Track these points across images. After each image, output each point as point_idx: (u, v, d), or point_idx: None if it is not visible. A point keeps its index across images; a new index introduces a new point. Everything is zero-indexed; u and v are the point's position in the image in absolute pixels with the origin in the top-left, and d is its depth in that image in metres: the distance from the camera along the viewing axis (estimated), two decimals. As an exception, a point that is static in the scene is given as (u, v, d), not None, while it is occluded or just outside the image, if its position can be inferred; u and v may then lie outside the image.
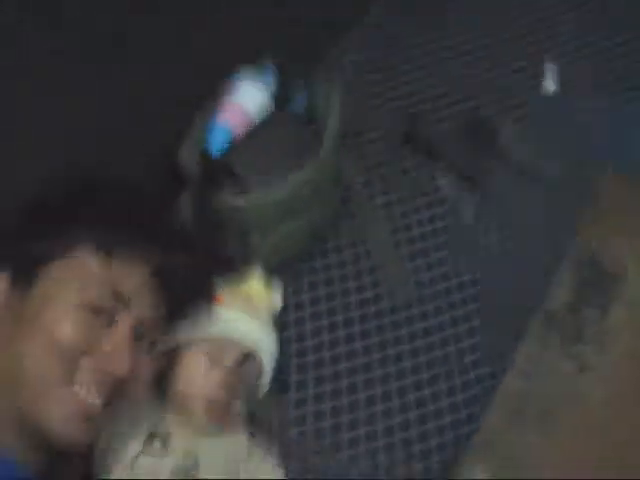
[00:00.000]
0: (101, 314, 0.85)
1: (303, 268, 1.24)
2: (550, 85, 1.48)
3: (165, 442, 0.94)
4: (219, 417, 0.97)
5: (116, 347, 0.85)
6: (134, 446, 0.92)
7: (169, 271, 0.90)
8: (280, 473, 1.03)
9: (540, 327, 1.77)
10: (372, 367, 1.17)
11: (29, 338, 0.81)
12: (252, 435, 1.03)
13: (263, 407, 1.09)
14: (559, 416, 1.65)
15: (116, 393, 0.84)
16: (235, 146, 1.11)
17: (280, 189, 1.09)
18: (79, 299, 0.83)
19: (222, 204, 1.07)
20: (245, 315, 1.02)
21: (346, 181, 1.26)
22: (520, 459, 1.60)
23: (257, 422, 1.07)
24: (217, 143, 1.11)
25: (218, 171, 1.09)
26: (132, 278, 0.87)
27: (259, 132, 1.12)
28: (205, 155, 1.09)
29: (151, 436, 0.94)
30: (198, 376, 0.97)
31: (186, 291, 0.95)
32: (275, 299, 1.10)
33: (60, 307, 0.83)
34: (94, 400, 0.83)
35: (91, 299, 0.84)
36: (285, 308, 1.14)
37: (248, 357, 1.01)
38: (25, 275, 0.85)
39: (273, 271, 1.14)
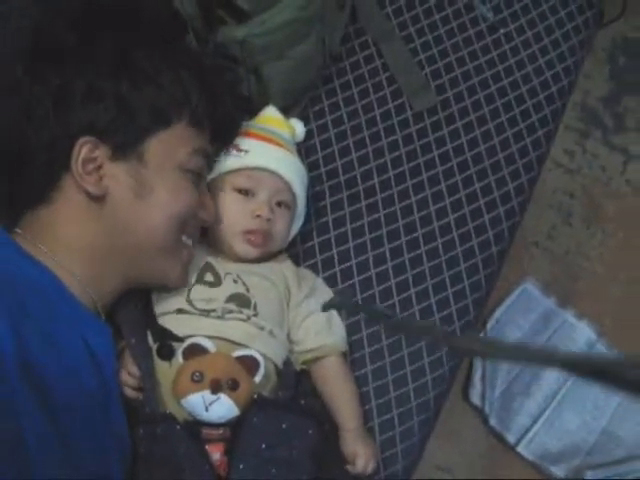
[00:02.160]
0: (200, 178, 0.95)
1: (321, 91, 1.22)
2: None
3: (216, 274, 0.97)
4: (259, 246, 1.00)
5: (205, 198, 0.96)
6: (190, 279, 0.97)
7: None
8: (331, 292, 1.07)
9: (578, 122, 1.75)
10: (404, 178, 1.17)
11: (149, 210, 0.87)
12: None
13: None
14: (605, 209, 1.67)
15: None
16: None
17: (284, 11, 1.04)
18: (187, 169, 0.91)
19: (226, 39, 1.04)
20: (273, 146, 1.03)
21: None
22: (571, 254, 1.65)
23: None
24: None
25: (217, 5, 1.05)
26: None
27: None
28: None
29: (203, 270, 0.98)
30: (233, 210, 0.99)
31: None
32: (297, 128, 1.10)
33: (174, 179, 0.90)
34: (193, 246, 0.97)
35: (194, 167, 0.93)
36: (309, 132, 1.15)
37: (282, 188, 1.02)
38: (128, 146, 0.87)
39: (290, 99, 1.15)
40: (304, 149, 1.13)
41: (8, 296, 0.74)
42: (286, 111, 1.11)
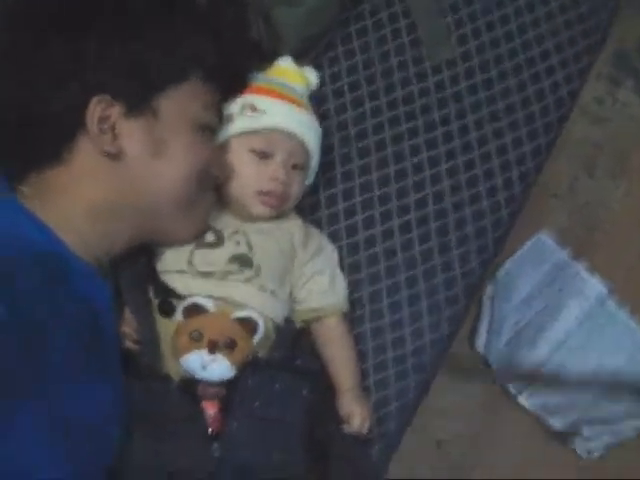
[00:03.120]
0: (213, 133, 0.95)
1: (337, 36, 1.17)
2: None
3: (218, 235, 0.97)
4: (275, 207, 0.99)
5: (217, 154, 0.96)
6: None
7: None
8: (335, 251, 1.06)
9: (610, 69, 1.67)
10: (417, 132, 1.13)
11: (165, 167, 0.87)
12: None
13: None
14: (632, 161, 1.62)
15: None
16: None
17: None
18: (201, 124, 0.91)
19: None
20: (289, 104, 1.00)
21: None
22: (591, 205, 1.62)
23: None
24: None
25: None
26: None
27: None
28: None
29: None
30: (249, 171, 0.98)
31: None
32: (310, 78, 1.06)
33: (189, 134, 0.89)
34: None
35: (208, 122, 0.92)
36: (321, 80, 1.10)
37: (299, 149, 1.00)
38: (142, 102, 0.87)
39: (302, 44, 1.10)
40: (315, 97, 1.09)
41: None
42: (298, 56, 1.06)
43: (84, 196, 0.85)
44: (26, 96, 0.86)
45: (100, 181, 0.86)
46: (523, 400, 1.51)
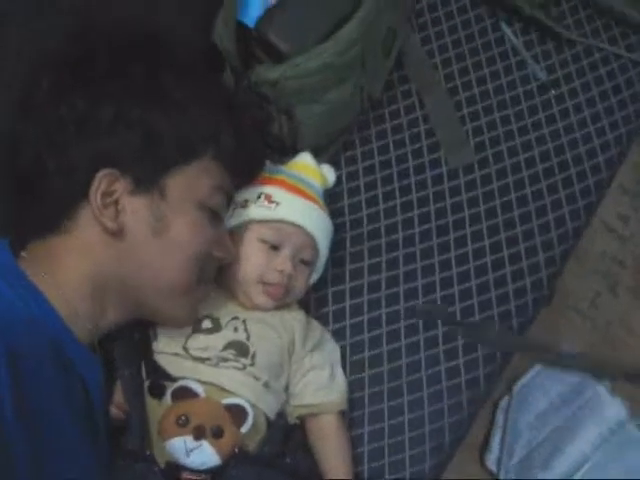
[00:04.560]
0: (219, 216, 0.93)
1: (355, 137, 1.19)
2: None
3: (216, 321, 0.96)
4: (276, 299, 0.98)
5: (224, 238, 0.94)
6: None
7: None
8: (337, 348, 1.05)
9: (636, 185, 1.67)
10: (430, 235, 1.14)
11: (166, 248, 0.86)
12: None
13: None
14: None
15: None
16: (271, 14, 1.04)
17: (321, 55, 1.02)
18: (206, 205, 0.89)
19: (259, 78, 1.02)
20: (304, 200, 1.01)
21: (399, 42, 1.17)
22: (613, 326, 1.58)
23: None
24: (253, 13, 1.05)
25: (254, 43, 1.04)
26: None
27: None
28: (240, 28, 1.04)
29: (201, 318, 0.96)
30: (256, 260, 0.98)
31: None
32: (328, 176, 1.08)
33: (193, 215, 0.88)
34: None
35: (214, 203, 0.91)
36: (338, 178, 1.11)
37: (308, 245, 1.01)
38: (150, 179, 0.86)
39: (322, 142, 1.12)
40: (330, 194, 1.10)
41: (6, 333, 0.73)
42: (317, 153, 1.08)
43: (80, 268, 0.84)
44: (29, 157, 0.85)
45: (98, 255, 0.84)
46: (532, 524, 1.43)
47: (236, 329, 0.95)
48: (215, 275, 0.97)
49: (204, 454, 0.85)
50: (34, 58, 0.90)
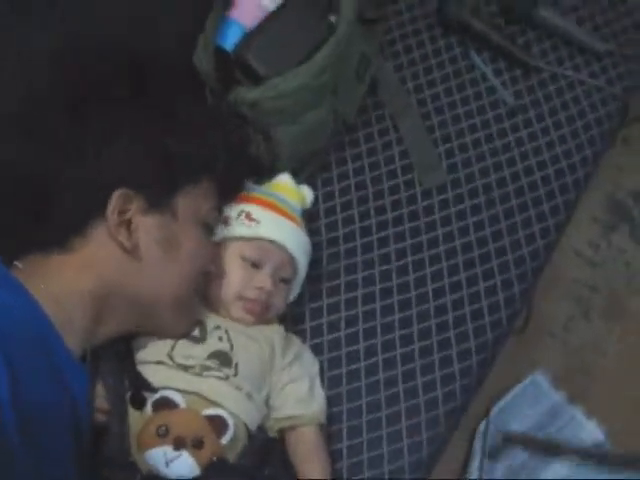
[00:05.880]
0: (213, 233, 0.98)
1: (332, 159, 1.22)
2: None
3: (202, 329, 0.97)
4: (255, 315, 1.00)
5: (215, 252, 0.99)
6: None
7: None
8: (316, 362, 1.06)
9: (606, 214, 1.71)
10: (405, 253, 1.16)
11: (174, 265, 0.89)
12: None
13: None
14: (626, 306, 1.62)
15: None
16: (249, 39, 1.07)
17: (297, 77, 1.05)
18: (206, 224, 0.94)
19: (240, 98, 1.05)
20: (284, 219, 1.04)
21: (373, 69, 1.21)
22: (586, 349, 1.60)
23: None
24: (231, 38, 1.09)
25: (233, 66, 1.07)
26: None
27: (272, 22, 1.09)
28: (219, 52, 1.08)
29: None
30: (236, 276, 1.00)
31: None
32: (306, 195, 1.11)
33: (197, 233, 0.92)
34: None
35: (213, 222, 0.97)
36: (314, 199, 1.14)
37: (287, 263, 1.03)
38: (164, 199, 0.89)
39: (298, 162, 1.15)
40: (307, 214, 1.12)
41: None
42: (294, 174, 1.11)
43: (82, 283, 0.84)
44: (41, 173, 0.86)
45: (105, 271, 0.85)
46: None
47: (220, 339, 0.96)
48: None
49: (184, 464, 0.85)
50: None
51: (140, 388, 0.90)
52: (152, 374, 0.91)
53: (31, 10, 0.92)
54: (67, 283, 0.84)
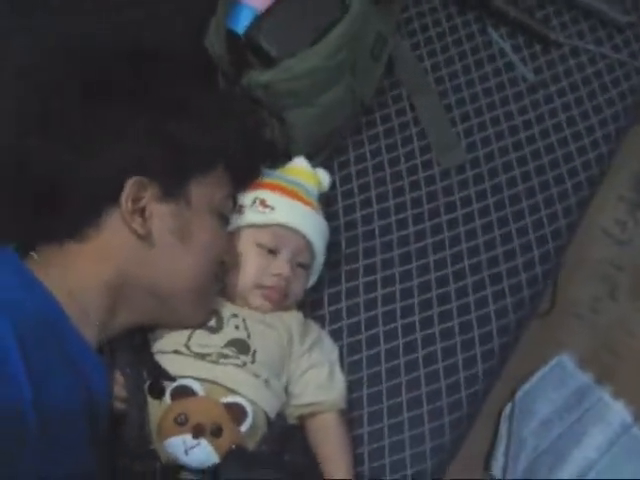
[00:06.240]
0: (227, 221, 0.97)
1: (348, 142, 1.20)
2: None
3: (219, 318, 0.96)
4: (274, 302, 0.99)
5: (229, 241, 0.98)
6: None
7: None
8: (336, 348, 1.05)
9: (632, 192, 1.68)
10: (425, 235, 1.14)
11: (189, 254, 0.89)
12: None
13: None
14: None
15: None
16: (260, 20, 1.05)
17: (311, 57, 1.04)
18: (220, 212, 0.94)
19: (251, 82, 1.04)
20: (300, 203, 1.02)
21: (389, 48, 1.19)
22: (614, 330, 1.57)
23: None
24: (243, 21, 1.07)
25: (245, 49, 1.06)
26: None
27: (283, 3, 1.07)
28: (231, 35, 1.06)
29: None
30: (253, 264, 0.99)
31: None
32: (323, 179, 1.09)
33: (211, 222, 0.92)
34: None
35: (227, 210, 0.96)
36: (332, 182, 1.13)
37: (304, 248, 1.02)
38: (177, 187, 0.89)
39: (314, 146, 1.13)
40: (324, 198, 1.11)
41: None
42: (310, 157, 1.09)
43: (98, 273, 0.84)
44: (60, 162, 0.85)
45: (121, 260, 0.85)
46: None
47: (237, 327, 0.95)
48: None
49: (203, 452, 0.84)
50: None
51: (159, 377, 0.90)
52: (169, 364, 0.91)
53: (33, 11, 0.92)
54: (82, 273, 0.84)
